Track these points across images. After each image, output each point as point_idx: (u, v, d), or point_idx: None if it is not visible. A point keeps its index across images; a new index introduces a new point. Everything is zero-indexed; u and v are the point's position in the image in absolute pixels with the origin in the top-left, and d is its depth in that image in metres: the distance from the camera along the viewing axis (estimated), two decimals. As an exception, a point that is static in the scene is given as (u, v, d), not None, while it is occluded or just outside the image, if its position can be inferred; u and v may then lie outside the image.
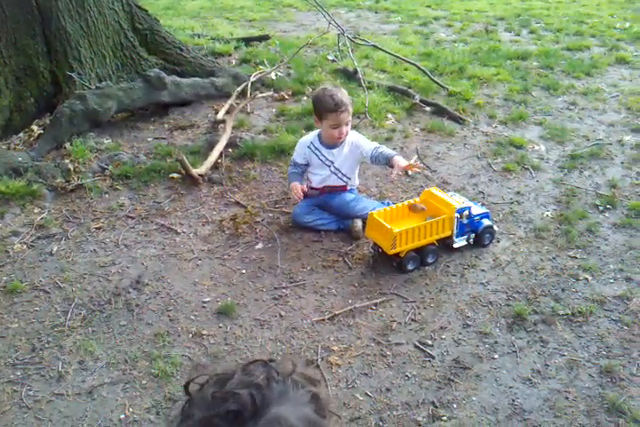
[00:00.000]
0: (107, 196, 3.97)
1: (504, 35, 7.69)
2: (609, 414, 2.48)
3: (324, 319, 2.99)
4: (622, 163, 4.48)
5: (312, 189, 3.78)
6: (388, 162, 3.50)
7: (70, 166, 4.07)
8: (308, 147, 3.69)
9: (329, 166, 3.68)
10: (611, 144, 4.73)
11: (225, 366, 0.95)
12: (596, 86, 5.82)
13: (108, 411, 2.50)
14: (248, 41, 6.79)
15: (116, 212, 3.81)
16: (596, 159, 4.51)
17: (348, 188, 3.78)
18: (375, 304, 3.10)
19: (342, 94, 3.50)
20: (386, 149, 3.56)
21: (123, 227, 3.68)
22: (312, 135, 3.74)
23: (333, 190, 3.74)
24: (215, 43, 6.56)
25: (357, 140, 3.66)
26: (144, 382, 2.63)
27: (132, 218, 3.76)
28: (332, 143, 3.63)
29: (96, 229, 3.66)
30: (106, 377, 2.65)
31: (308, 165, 3.75)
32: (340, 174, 3.70)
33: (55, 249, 3.47)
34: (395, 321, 2.99)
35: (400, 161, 3.42)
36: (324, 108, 3.50)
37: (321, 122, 3.57)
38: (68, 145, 4.36)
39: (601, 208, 3.90)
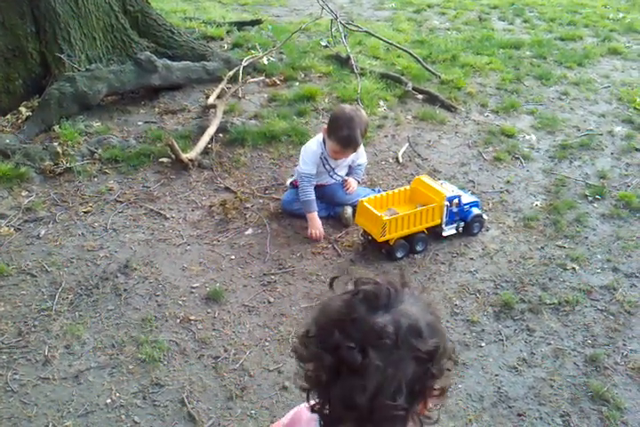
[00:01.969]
0: (95, 179, 3.94)
1: (497, 23, 7.65)
2: (593, 403, 2.51)
3: (312, 306, 2.99)
4: (612, 153, 4.49)
5: None
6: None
7: (59, 149, 4.02)
8: (319, 157, 3.56)
9: (329, 172, 3.65)
10: (601, 135, 4.74)
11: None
12: (588, 77, 5.82)
13: (94, 395, 2.49)
14: (240, 25, 6.72)
15: (105, 196, 3.78)
16: (587, 150, 4.52)
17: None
18: (364, 291, 3.10)
19: (360, 129, 3.34)
20: (360, 172, 3.79)
21: (111, 211, 3.65)
22: (319, 144, 3.55)
23: (326, 184, 3.73)
24: (207, 26, 6.48)
25: (359, 152, 3.62)
26: (131, 366, 2.63)
27: (121, 202, 3.74)
28: None
29: (84, 212, 3.63)
30: (92, 362, 2.65)
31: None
32: (335, 176, 3.69)
33: (43, 233, 3.44)
34: (383, 308, 2.99)
35: (351, 181, 3.69)
36: (334, 135, 3.38)
37: (328, 138, 3.45)
38: (56, 128, 4.31)
39: (590, 198, 3.92)
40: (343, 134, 3.34)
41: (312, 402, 1.05)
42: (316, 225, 3.48)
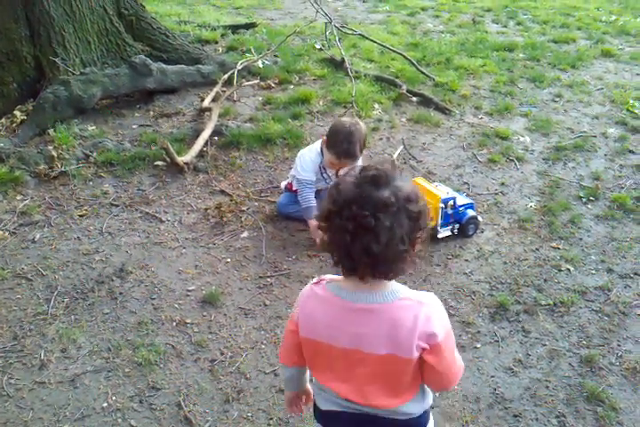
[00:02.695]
0: (91, 183, 3.93)
1: (491, 26, 7.70)
2: (588, 403, 2.52)
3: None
4: (606, 155, 4.52)
5: None
6: None
7: (54, 153, 4.02)
8: (318, 166, 3.56)
9: (325, 179, 3.66)
10: (595, 136, 4.77)
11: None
12: (582, 79, 5.86)
13: (90, 399, 2.49)
14: (235, 28, 6.74)
15: (100, 199, 3.78)
16: (580, 151, 4.54)
17: None
18: (359, 294, 3.10)
19: (360, 143, 3.33)
20: None
21: (107, 214, 3.65)
22: (317, 153, 3.55)
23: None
24: (201, 30, 6.51)
25: None
26: (127, 370, 2.63)
27: (117, 206, 3.73)
28: None
29: (79, 216, 3.62)
30: (89, 365, 2.64)
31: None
32: (331, 182, 3.68)
33: (38, 236, 3.43)
34: (379, 310, 3.00)
35: None
36: (333, 148, 3.37)
37: (327, 150, 3.43)
38: (51, 131, 4.31)
39: (584, 200, 3.94)
40: (343, 148, 3.33)
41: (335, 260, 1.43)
42: (316, 236, 3.48)
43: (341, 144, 3.32)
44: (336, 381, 1.54)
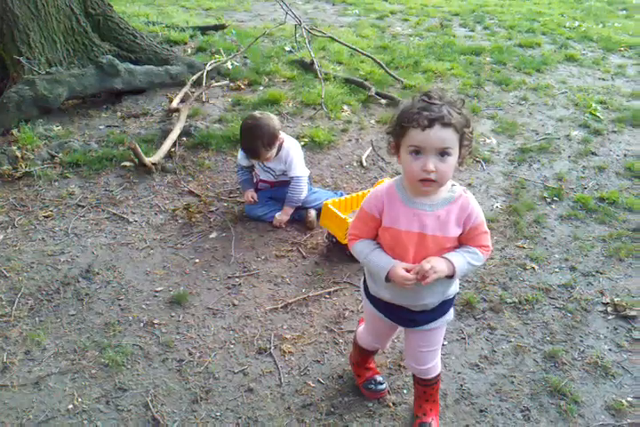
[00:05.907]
0: (56, 184, 3.88)
1: (459, 30, 7.81)
2: (551, 397, 2.57)
3: (277, 308, 3.00)
4: (569, 157, 4.61)
5: (262, 182, 3.76)
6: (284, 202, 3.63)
7: (18, 153, 3.96)
8: (247, 157, 3.64)
9: (272, 174, 3.68)
10: (559, 139, 4.86)
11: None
12: (546, 82, 5.98)
13: (55, 401, 2.45)
14: (204, 30, 6.72)
15: (66, 200, 3.73)
16: (545, 153, 4.63)
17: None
18: (328, 293, 3.12)
19: (262, 140, 3.35)
20: (297, 186, 3.58)
21: (73, 215, 3.60)
22: None
23: (284, 183, 3.72)
24: (170, 31, 6.48)
25: (289, 165, 3.59)
26: (93, 371, 2.59)
27: (83, 206, 3.69)
28: None
29: (44, 217, 3.57)
30: (53, 367, 2.60)
31: (253, 165, 3.73)
32: (283, 176, 3.68)
33: (1, 238, 3.37)
34: (347, 309, 3.02)
35: (285, 213, 3.61)
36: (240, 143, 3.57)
37: None
38: (15, 131, 4.24)
39: (548, 200, 4.02)
40: (243, 146, 3.52)
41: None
42: (246, 193, 3.69)
43: (242, 141, 3.50)
44: None
